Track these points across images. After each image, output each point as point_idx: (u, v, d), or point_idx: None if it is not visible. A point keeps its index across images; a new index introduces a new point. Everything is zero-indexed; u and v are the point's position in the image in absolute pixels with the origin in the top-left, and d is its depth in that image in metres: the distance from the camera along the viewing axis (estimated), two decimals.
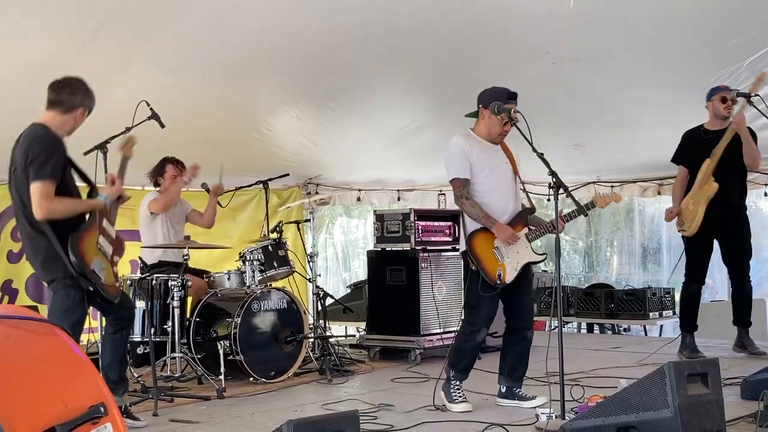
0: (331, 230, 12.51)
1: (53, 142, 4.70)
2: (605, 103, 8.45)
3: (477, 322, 5.25)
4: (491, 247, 5.17)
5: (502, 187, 5.27)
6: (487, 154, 5.28)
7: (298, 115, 8.36)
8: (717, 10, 6.72)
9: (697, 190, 6.66)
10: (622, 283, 11.44)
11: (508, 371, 5.33)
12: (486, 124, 5.29)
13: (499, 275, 5.11)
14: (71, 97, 4.83)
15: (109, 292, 4.77)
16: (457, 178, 5.23)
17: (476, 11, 6.67)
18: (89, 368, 2.10)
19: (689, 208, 6.69)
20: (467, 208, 5.19)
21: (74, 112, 4.84)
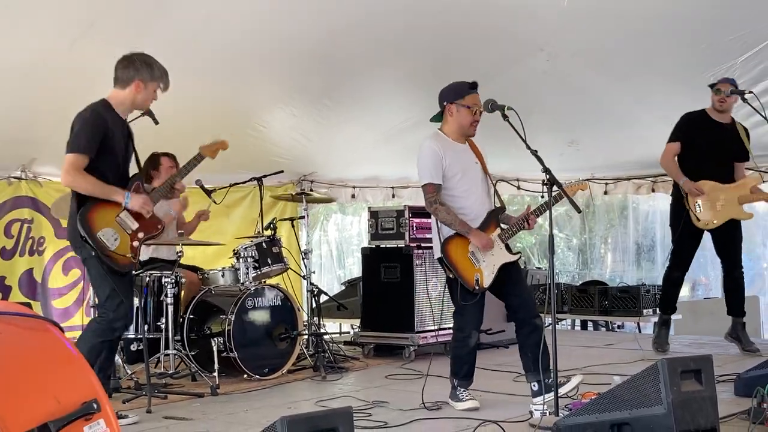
0: (326, 227, 12.51)
1: (92, 118, 4.81)
2: (599, 101, 8.47)
3: (465, 327, 5.19)
4: (466, 252, 5.10)
5: (474, 189, 5.21)
6: (459, 156, 5.20)
7: (292, 112, 8.36)
8: (711, 7, 6.74)
9: (734, 198, 6.63)
10: (616, 280, 11.46)
11: (533, 365, 5.05)
12: (455, 120, 5.20)
13: (477, 280, 5.05)
14: (125, 72, 4.94)
15: (116, 261, 4.84)
16: (430, 183, 5.13)
17: (471, 7, 6.66)
18: (82, 364, 2.10)
19: (716, 207, 6.64)
20: (442, 214, 5.09)
21: (130, 86, 4.93)
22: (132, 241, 4.92)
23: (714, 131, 6.70)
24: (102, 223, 4.82)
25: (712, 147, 6.70)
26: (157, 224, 5.09)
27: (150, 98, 5.01)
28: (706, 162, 6.70)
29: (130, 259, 4.92)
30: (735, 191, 6.64)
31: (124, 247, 4.87)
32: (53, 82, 6.58)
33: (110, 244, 4.81)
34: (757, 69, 7.38)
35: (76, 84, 6.69)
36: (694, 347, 7.47)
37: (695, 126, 6.77)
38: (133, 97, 4.95)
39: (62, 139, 6.51)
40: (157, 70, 4.98)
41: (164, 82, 5.02)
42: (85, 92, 6.83)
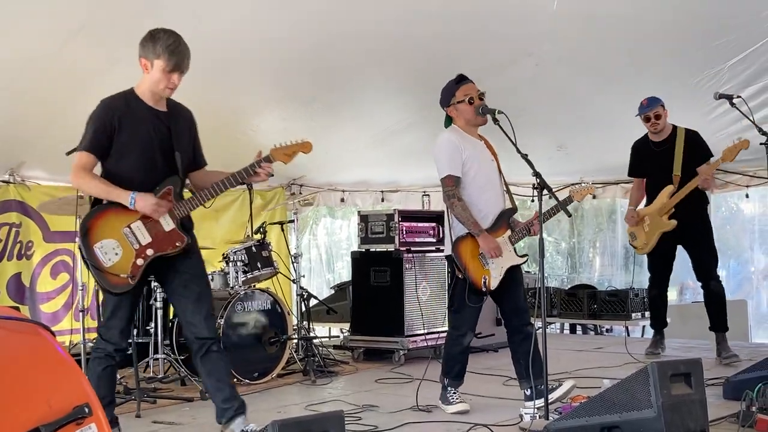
0: (315, 231, 12.49)
1: (97, 111, 4.26)
2: (588, 105, 8.49)
3: (462, 326, 5.19)
4: (477, 253, 5.07)
5: (489, 187, 5.18)
6: (475, 151, 5.18)
7: (282, 116, 8.35)
8: (699, 12, 6.76)
9: (655, 214, 6.78)
10: (604, 284, 11.48)
11: (526, 372, 5.07)
12: (460, 117, 5.20)
13: (484, 282, 5.05)
14: (139, 52, 4.31)
15: (107, 279, 4.16)
16: (450, 175, 5.07)
17: (460, 12, 6.67)
18: (73, 368, 2.09)
19: (644, 229, 6.85)
20: (458, 210, 5.04)
21: (143, 67, 4.30)
22: (136, 258, 4.19)
23: (651, 155, 6.92)
24: (105, 233, 4.17)
25: (650, 171, 6.95)
26: (175, 241, 4.30)
27: (163, 82, 4.25)
28: (650, 187, 6.96)
29: (126, 280, 4.18)
30: (655, 206, 6.81)
31: (123, 265, 4.16)
32: (42, 84, 6.55)
33: (106, 259, 4.14)
34: (745, 73, 7.41)
35: (66, 86, 6.69)
36: (683, 351, 7.49)
37: (647, 158, 6.98)
38: (151, 79, 4.27)
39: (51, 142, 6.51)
40: (160, 44, 4.20)
41: (167, 60, 4.19)
42: (74, 95, 6.85)
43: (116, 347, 4.31)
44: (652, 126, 6.84)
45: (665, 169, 6.79)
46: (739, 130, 8.21)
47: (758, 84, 7.50)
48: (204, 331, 4.38)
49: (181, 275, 4.40)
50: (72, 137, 5.92)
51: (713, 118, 8.09)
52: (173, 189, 4.32)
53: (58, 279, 8.28)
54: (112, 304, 4.29)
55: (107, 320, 4.31)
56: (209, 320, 4.45)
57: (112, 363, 4.34)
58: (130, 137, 4.23)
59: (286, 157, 4.56)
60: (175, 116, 4.42)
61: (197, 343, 4.39)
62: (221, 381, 4.42)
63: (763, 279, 10.57)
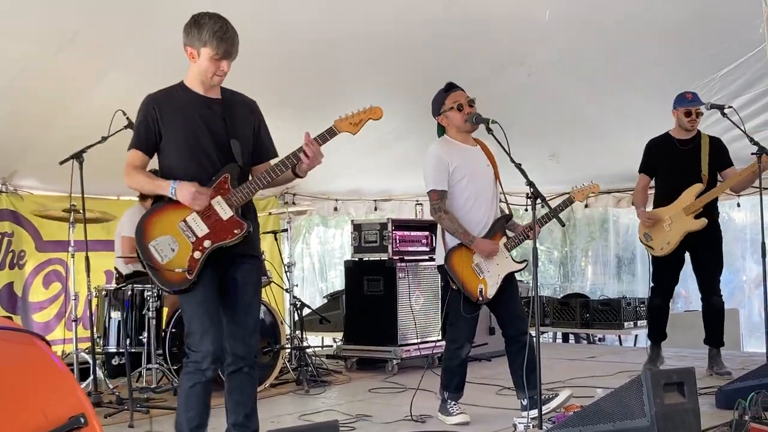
0: (308, 240, 12.48)
1: (142, 107, 4.03)
2: (580, 114, 8.52)
3: (459, 339, 5.14)
4: (470, 263, 5.06)
5: (481, 195, 5.16)
6: (468, 160, 5.17)
7: (276, 125, 8.30)
8: (690, 23, 6.80)
9: (681, 213, 6.49)
10: (596, 293, 11.50)
11: (523, 383, 5.05)
12: (451, 125, 5.20)
13: (480, 291, 5.03)
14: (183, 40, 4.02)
15: (165, 277, 3.89)
16: (434, 189, 5.10)
17: (452, 21, 6.70)
18: (69, 378, 2.08)
19: (665, 228, 6.54)
20: (446, 222, 5.05)
21: (189, 56, 4.02)
22: (193, 251, 3.89)
23: (674, 154, 6.65)
24: (161, 230, 3.92)
25: (672, 171, 6.64)
26: (234, 228, 3.95)
27: (211, 70, 3.97)
28: (668, 187, 6.66)
29: (183, 275, 3.87)
30: (680, 204, 6.53)
31: (179, 260, 3.88)
32: (34, 94, 6.54)
33: (162, 256, 3.88)
34: (736, 83, 7.45)
35: (58, 96, 6.68)
36: (675, 360, 7.50)
37: (669, 156, 6.69)
38: (198, 68, 3.99)
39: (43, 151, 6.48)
40: (206, 30, 3.91)
41: (215, 48, 3.91)
42: (67, 104, 6.86)
43: (204, 354, 3.86)
44: (690, 122, 6.58)
45: (692, 168, 6.55)
46: (730, 140, 8.25)
47: (749, 94, 7.54)
48: (242, 349, 4.04)
49: (235, 282, 4.06)
50: (65, 147, 5.95)
51: (704, 127, 8.10)
52: (230, 176, 3.99)
53: (50, 288, 8.27)
54: (189, 308, 3.97)
55: (188, 326, 3.97)
56: (252, 338, 4.10)
57: (203, 379, 3.89)
58: (175, 127, 3.98)
59: (354, 126, 4.32)
60: (230, 103, 4.13)
61: (230, 358, 4.03)
62: (239, 405, 4.09)
63: (755, 288, 10.58)
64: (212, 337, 3.88)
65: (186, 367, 3.92)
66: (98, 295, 6.69)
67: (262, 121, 4.32)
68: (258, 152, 4.23)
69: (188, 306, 3.96)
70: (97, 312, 6.64)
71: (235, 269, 4.05)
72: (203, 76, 3.99)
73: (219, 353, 3.92)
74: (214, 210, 3.94)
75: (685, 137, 6.69)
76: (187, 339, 3.95)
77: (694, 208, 6.49)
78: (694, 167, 6.59)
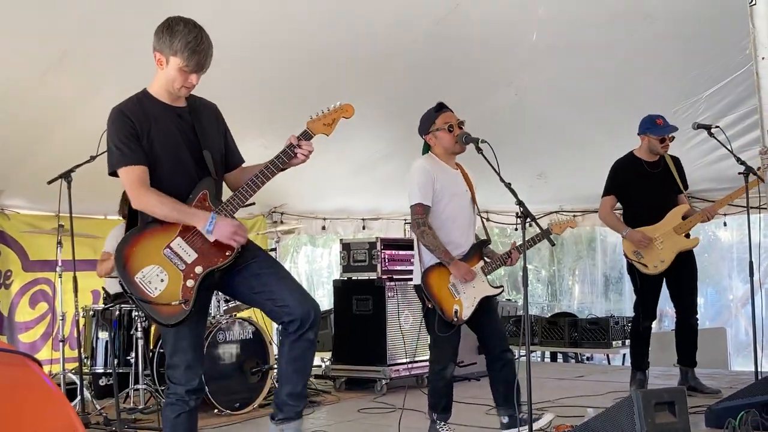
0: (296, 259, 12.47)
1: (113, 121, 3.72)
2: (567, 134, 8.56)
3: (442, 360, 5.10)
4: (447, 282, 5.03)
5: (460, 217, 5.16)
6: (449, 181, 5.16)
7: (263, 144, 8.34)
8: (676, 43, 6.86)
9: (671, 233, 6.48)
10: (584, 311, 11.53)
11: (503, 400, 5.10)
12: (439, 144, 5.17)
13: (456, 312, 5.00)
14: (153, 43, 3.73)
15: (158, 311, 3.58)
16: (420, 203, 5.05)
17: (441, 42, 6.73)
18: (62, 400, 2.06)
19: (657, 247, 6.48)
20: (428, 238, 5.00)
21: (157, 62, 3.73)
22: (185, 280, 3.60)
23: (646, 175, 6.62)
24: (145, 259, 3.61)
25: (647, 192, 6.60)
26: (225, 250, 3.67)
27: (179, 81, 3.69)
28: (644, 208, 6.61)
29: (179, 307, 3.57)
30: (668, 224, 6.51)
31: (172, 292, 3.58)
32: (23, 112, 6.52)
33: (151, 289, 3.58)
34: (722, 103, 7.51)
35: (47, 114, 6.67)
36: (663, 378, 7.51)
37: (630, 174, 6.67)
38: (163, 75, 3.72)
39: (31, 171, 6.45)
40: (179, 39, 3.61)
41: (186, 59, 3.62)
42: (56, 123, 6.84)
43: (187, 388, 3.69)
44: (664, 148, 6.55)
45: (667, 188, 6.57)
46: (716, 159, 8.32)
47: (735, 114, 7.59)
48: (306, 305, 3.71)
49: (247, 269, 3.78)
50: (53, 166, 5.93)
51: (691, 147, 8.18)
52: (208, 193, 3.75)
53: (36, 309, 8.22)
54: (170, 338, 3.70)
55: (170, 357, 3.73)
56: (308, 296, 3.79)
57: (186, 409, 3.71)
58: (154, 142, 3.68)
59: (327, 127, 3.98)
60: (197, 111, 3.87)
61: (295, 325, 3.69)
62: (298, 373, 3.81)
63: (742, 307, 10.64)
64: (195, 371, 3.72)
65: (167, 398, 3.76)
66: (86, 315, 6.65)
67: (226, 126, 4.08)
68: (228, 160, 4.01)
69: (171, 338, 3.71)
70: (84, 332, 6.60)
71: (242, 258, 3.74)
72: (169, 86, 3.72)
73: (201, 386, 3.78)
74: (198, 232, 3.65)
75: (652, 159, 6.66)
76: (169, 370, 3.75)
77: (686, 228, 6.51)
78: (670, 187, 6.62)
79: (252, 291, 3.79)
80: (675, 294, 6.70)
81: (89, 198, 6.53)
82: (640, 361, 6.75)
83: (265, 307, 3.81)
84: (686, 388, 6.28)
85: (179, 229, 3.66)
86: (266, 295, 3.75)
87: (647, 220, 6.56)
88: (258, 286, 3.76)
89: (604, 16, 6.50)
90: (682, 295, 6.67)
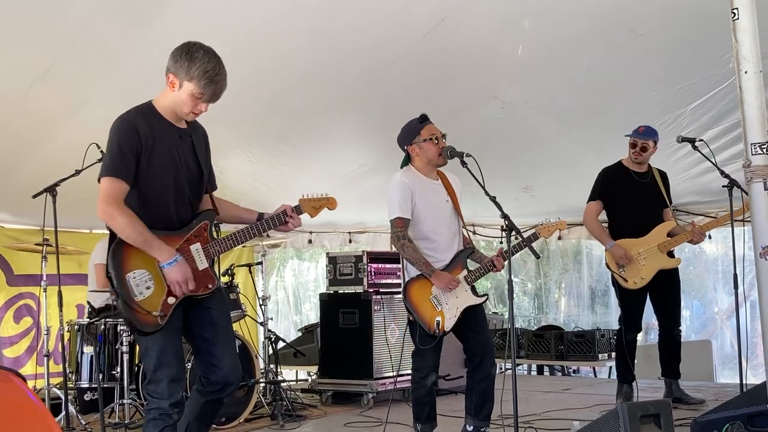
0: (282, 273, 12.45)
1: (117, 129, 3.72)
2: (552, 147, 8.60)
3: (424, 368, 5.08)
4: (428, 294, 5.02)
5: (442, 229, 5.15)
6: (429, 193, 5.15)
7: (249, 158, 8.36)
8: (660, 57, 6.90)
9: (655, 250, 6.47)
10: (570, 324, 11.53)
11: (474, 410, 5.10)
12: (422, 155, 5.15)
13: (437, 323, 4.98)
14: (168, 61, 3.77)
15: (136, 316, 3.65)
16: (399, 217, 5.04)
17: (426, 55, 6.75)
18: (46, 416, 2.06)
19: (639, 263, 6.46)
20: (409, 251, 5.00)
21: (169, 84, 3.76)
22: (168, 296, 3.69)
23: (633, 183, 6.64)
24: (140, 262, 3.67)
25: (633, 200, 6.60)
26: (207, 282, 3.83)
27: (188, 105, 3.74)
28: (630, 217, 6.61)
29: (156, 319, 3.65)
30: (653, 240, 6.51)
31: (153, 302, 3.66)
32: (7, 126, 6.51)
33: (137, 292, 3.66)
34: (706, 117, 7.56)
35: (32, 128, 6.66)
36: (650, 391, 7.52)
37: (613, 181, 6.70)
38: (172, 95, 3.75)
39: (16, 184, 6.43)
40: (197, 67, 3.65)
41: (202, 88, 3.68)
42: (41, 137, 6.83)
43: (171, 401, 3.70)
44: (634, 154, 6.60)
45: (654, 199, 6.60)
46: (700, 172, 8.36)
47: (719, 127, 7.64)
48: (233, 375, 3.88)
49: (208, 310, 3.89)
50: (38, 179, 5.91)
51: (675, 160, 8.23)
52: (209, 224, 3.89)
53: (21, 323, 8.18)
54: (155, 352, 3.71)
55: (153, 373, 3.72)
56: (238, 365, 3.96)
57: (170, 422, 3.72)
58: (154, 159, 3.71)
59: (314, 210, 4.30)
60: (196, 134, 3.94)
61: (218, 386, 3.86)
62: (205, 428, 4.02)
63: (727, 319, 10.68)
64: (180, 384, 3.75)
65: (149, 414, 3.74)
66: (70, 330, 6.62)
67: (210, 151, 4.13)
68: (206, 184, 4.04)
69: (155, 353, 3.71)
70: (69, 347, 6.57)
71: (209, 300, 3.88)
72: (177, 108, 3.76)
73: (184, 399, 3.80)
74: (191, 256, 3.78)
75: (639, 170, 6.70)
76: (150, 386, 3.73)
77: (670, 246, 6.54)
78: (656, 199, 6.64)
79: (200, 334, 3.89)
80: (658, 307, 6.73)
81: (75, 212, 6.51)
82: (626, 373, 6.73)
83: (201, 355, 3.93)
84: (672, 400, 6.32)
85: (176, 245, 3.75)
86: (208, 346, 3.88)
87: (632, 231, 6.56)
88: (207, 333, 3.88)
89: (589, 30, 6.54)
90: (665, 309, 6.70)
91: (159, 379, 3.70)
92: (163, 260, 3.66)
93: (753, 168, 4.79)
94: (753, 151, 4.59)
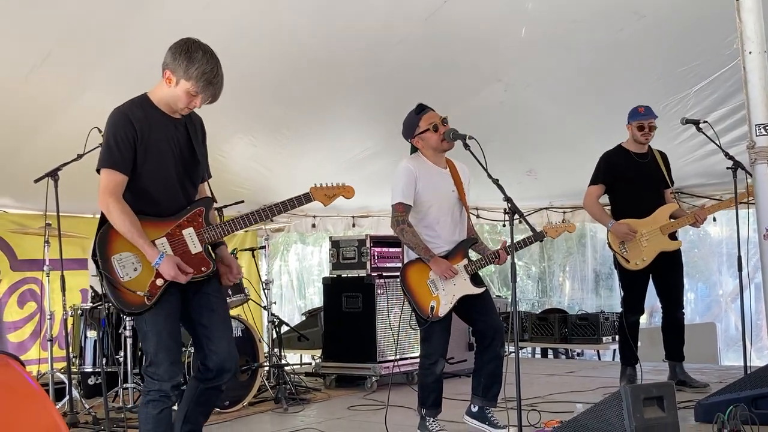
0: (286, 257, 12.45)
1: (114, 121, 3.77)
2: (556, 129, 8.57)
3: (432, 354, 5.08)
4: (425, 278, 5.04)
5: (445, 216, 5.15)
6: (435, 180, 5.15)
7: (252, 142, 8.34)
8: (664, 39, 6.86)
9: (657, 231, 6.44)
10: (575, 308, 11.53)
11: (482, 391, 5.11)
12: (426, 144, 5.16)
13: (432, 308, 4.98)
14: (165, 56, 3.81)
15: (122, 296, 3.70)
16: (401, 202, 5.07)
17: (428, 39, 6.72)
18: (44, 399, 2.05)
19: (642, 244, 6.43)
20: (408, 236, 5.02)
21: (165, 79, 3.79)
22: (156, 277, 3.72)
23: (634, 165, 6.61)
24: (126, 245, 3.72)
25: (635, 182, 6.57)
26: (200, 265, 3.84)
27: (182, 101, 3.78)
28: (632, 199, 6.57)
29: (142, 299, 3.70)
30: (656, 222, 6.48)
31: (140, 283, 3.71)
32: (8, 112, 6.49)
33: (123, 273, 3.71)
34: (710, 99, 7.52)
35: (33, 114, 6.64)
36: (654, 374, 7.51)
37: (616, 164, 6.66)
38: (167, 90, 3.79)
39: (17, 170, 6.41)
40: (195, 68, 3.70)
41: (199, 89, 3.74)
42: (42, 122, 6.81)
43: (172, 383, 3.76)
44: (644, 136, 6.53)
45: (655, 180, 6.57)
46: (705, 154, 8.33)
47: (723, 109, 7.61)
48: (230, 362, 3.91)
49: (207, 296, 3.92)
50: (40, 164, 5.90)
51: (680, 142, 8.19)
52: (205, 210, 3.93)
53: (25, 308, 8.18)
54: (153, 336, 3.77)
55: (153, 356, 3.75)
56: (235, 352, 3.97)
57: (169, 404, 3.78)
58: (152, 150, 3.77)
59: (327, 198, 4.24)
60: (192, 124, 3.99)
61: (214, 372, 3.90)
62: (203, 415, 4.05)
63: (732, 302, 10.67)
64: (180, 366, 3.82)
65: (148, 395, 3.78)
66: (74, 314, 6.63)
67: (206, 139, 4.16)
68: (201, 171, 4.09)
69: (154, 337, 3.76)
70: (72, 331, 6.58)
71: (208, 285, 3.93)
72: (172, 102, 3.81)
73: (183, 380, 3.86)
74: (183, 240, 3.83)
75: (640, 150, 6.65)
76: (150, 368, 3.77)
77: (672, 229, 6.51)
78: (657, 179, 6.61)
79: (199, 320, 3.92)
80: (661, 289, 6.70)
81: (77, 197, 6.49)
82: (629, 356, 6.73)
83: (199, 341, 3.95)
84: (675, 383, 6.30)
85: (167, 230, 3.81)
86: (207, 332, 3.91)
87: (634, 211, 6.53)
88: (206, 320, 3.91)
89: (593, 12, 6.51)
90: (668, 291, 6.67)
91: (160, 361, 3.75)
92: (151, 261, 3.71)
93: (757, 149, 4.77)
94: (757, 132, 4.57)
